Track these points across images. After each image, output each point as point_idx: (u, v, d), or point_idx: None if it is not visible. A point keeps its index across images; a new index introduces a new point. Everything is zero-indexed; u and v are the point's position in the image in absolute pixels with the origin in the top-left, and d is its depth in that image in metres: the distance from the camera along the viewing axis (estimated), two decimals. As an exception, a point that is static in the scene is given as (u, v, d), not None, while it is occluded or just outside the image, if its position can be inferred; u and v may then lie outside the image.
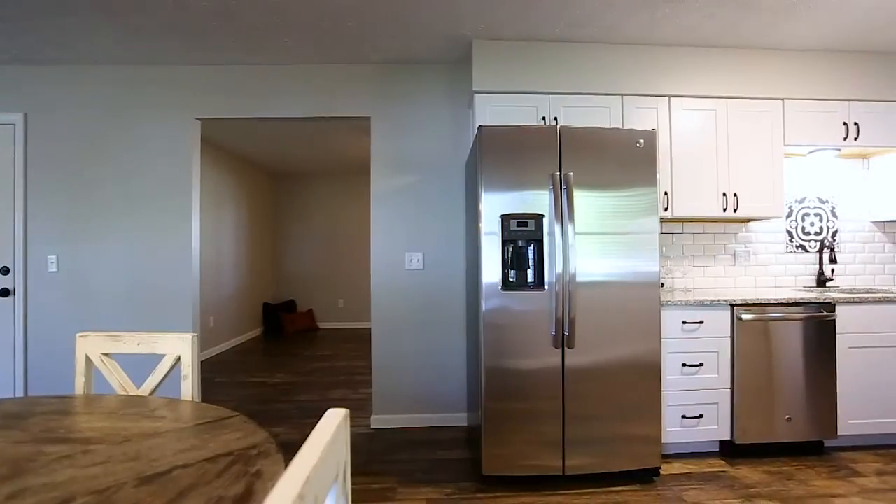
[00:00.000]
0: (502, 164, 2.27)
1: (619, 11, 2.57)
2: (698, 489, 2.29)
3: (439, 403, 3.18)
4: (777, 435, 2.62)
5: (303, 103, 3.19)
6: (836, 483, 2.36)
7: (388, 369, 3.16)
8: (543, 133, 2.29)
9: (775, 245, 3.36)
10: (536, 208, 2.26)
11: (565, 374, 2.28)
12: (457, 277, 3.21)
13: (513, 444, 2.26)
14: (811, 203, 3.40)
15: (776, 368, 2.62)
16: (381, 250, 3.18)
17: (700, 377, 2.57)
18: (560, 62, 2.89)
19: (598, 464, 2.30)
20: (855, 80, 3.08)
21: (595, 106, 2.87)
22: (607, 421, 2.30)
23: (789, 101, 3.02)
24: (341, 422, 0.73)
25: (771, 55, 3.03)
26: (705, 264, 3.28)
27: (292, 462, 0.56)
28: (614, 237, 2.30)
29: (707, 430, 2.59)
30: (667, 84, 2.94)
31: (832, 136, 3.05)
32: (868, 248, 3.44)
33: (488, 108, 2.81)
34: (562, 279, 2.25)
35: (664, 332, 2.54)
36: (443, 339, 3.19)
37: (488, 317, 2.25)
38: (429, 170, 3.22)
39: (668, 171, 2.89)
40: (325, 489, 0.60)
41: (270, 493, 0.49)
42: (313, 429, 0.68)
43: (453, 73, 3.24)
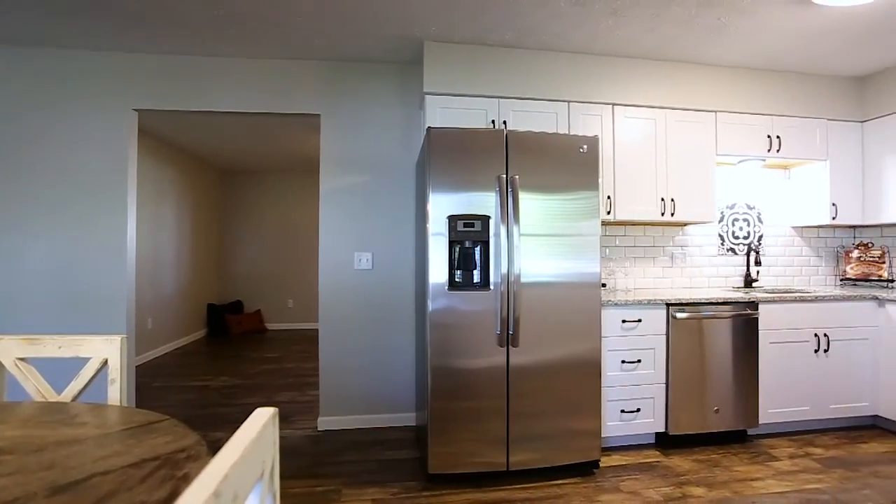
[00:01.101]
0: (450, 166, 2.30)
1: (566, 21, 2.66)
2: (634, 479, 2.41)
3: (388, 404, 3.17)
4: (706, 425, 2.80)
5: (249, 98, 3.10)
6: (755, 468, 2.54)
7: (335, 370, 3.12)
8: (491, 136, 2.34)
9: (709, 248, 3.58)
10: (483, 210, 2.31)
11: (510, 372, 2.33)
12: (406, 278, 3.22)
13: (459, 442, 2.30)
14: (740, 209, 3.65)
15: (706, 363, 2.79)
16: (330, 250, 3.14)
17: (638, 373, 2.70)
18: (510, 67, 2.95)
19: (541, 459, 2.38)
20: (777, 98, 3.33)
21: (543, 111, 2.95)
22: (550, 417, 2.38)
23: (721, 114, 3.23)
24: (268, 420, 0.72)
25: (705, 70, 3.23)
26: (645, 266, 3.45)
27: (212, 460, 0.56)
28: (558, 239, 2.38)
29: (644, 423, 2.72)
30: (611, 93, 3.07)
31: (758, 147, 3.29)
32: (788, 251, 3.73)
33: (438, 109, 2.83)
34: (507, 279, 2.31)
35: (605, 330, 2.65)
36: (392, 339, 3.19)
37: (434, 317, 2.28)
38: (379, 169, 3.20)
39: (612, 176, 3.02)
40: (246, 487, 0.59)
41: (184, 492, 0.48)
42: None
43: (405, 73, 3.25)
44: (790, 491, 2.31)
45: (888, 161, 3.31)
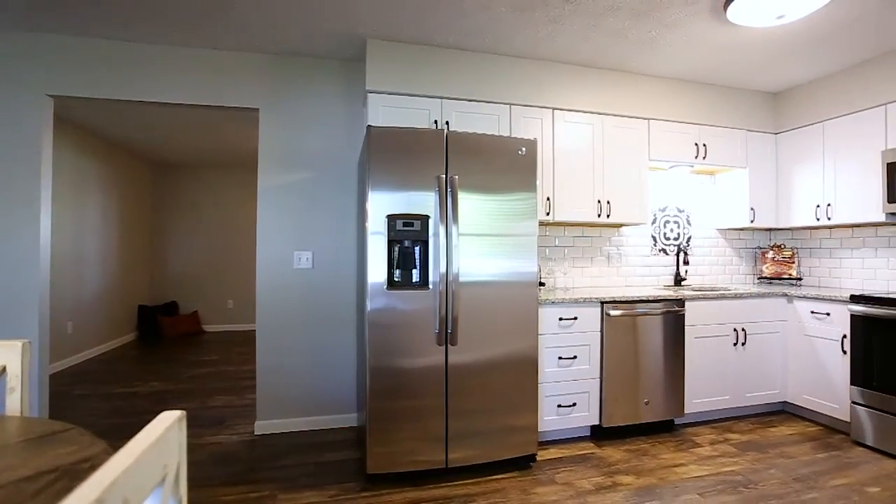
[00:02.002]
0: (390, 165, 2.29)
1: (507, 26, 2.72)
2: (569, 471, 2.50)
3: (329, 405, 3.12)
4: (638, 417, 2.95)
5: (182, 88, 2.94)
6: (680, 455, 2.70)
7: (274, 372, 3.02)
8: (431, 136, 2.35)
9: (642, 248, 3.77)
10: (423, 209, 2.31)
11: (448, 370, 2.36)
12: (348, 277, 3.17)
13: (398, 442, 2.29)
14: (671, 212, 3.87)
15: (638, 358, 2.94)
16: (268, 248, 3.03)
17: (574, 369, 2.80)
18: (454, 69, 2.98)
19: (479, 455, 2.41)
20: (703, 108, 3.56)
21: (486, 113, 3.00)
22: (488, 414, 2.42)
23: (653, 121, 3.41)
24: (173, 424, 0.70)
25: (639, 79, 3.40)
26: (584, 265, 3.58)
27: (101, 467, 0.53)
28: (496, 239, 2.43)
29: (579, 416, 2.83)
30: (551, 97, 3.17)
31: (687, 154, 3.50)
32: (713, 251, 3.99)
33: (381, 108, 2.81)
34: (446, 279, 2.32)
35: (542, 328, 2.73)
36: (333, 339, 3.13)
37: (373, 316, 2.26)
38: (321, 167, 3.14)
39: (552, 177, 3.12)
40: (140, 493, 0.56)
41: (65, 499, 0.45)
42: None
43: (349, 70, 3.20)
44: (709, 474, 2.47)
45: (797, 170, 3.62)
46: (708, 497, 2.25)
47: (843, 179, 3.30)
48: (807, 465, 2.59)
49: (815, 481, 2.40)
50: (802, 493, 2.29)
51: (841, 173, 3.31)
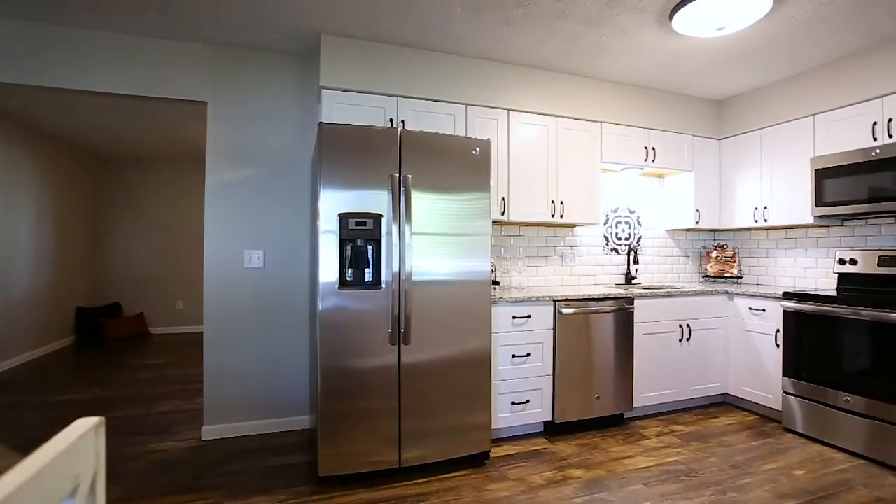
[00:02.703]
0: (343, 163, 2.25)
1: (463, 26, 2.73)
2: (522, 467, 2.54)
3: (282, 407, 3.04)
4: (589, 412, 3.03)
5: (121, 78, 2.79)
6: (628, 447, 2.80)
7: (222, 375, 2.92)
8: (385, 135, 2.33)
9: (595, 248, 3.88)
10: (376, 208, 2.29)
11: (402, 370, 2.35)
12: (302, 276, 3.10)
13: (350, 443, 2.26)
14: (623, 212, 4.00)
15: (589, 355, 3.02)
16: (217, 247, 2.92)
17: (527, 366, 2.85)
18: (410, 67, 2.96)
19: (433, 454, 2.42)
20: (653, 113, 3.70)
21: (442, 112, 3.00)
22: (442, 413, 2.43)
23: (605, 125, 3.52)
24: (89, 431, 0.66)
25: (592, 83, 3.49)
26: (538, 264, 3.65)
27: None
28: (450, 238, 2.44)
29: (533, 413, 2.88)
30: (507, 98, 3.21)
31: (637, 157, 3.62)
32: (662, 251, 4.16)
33: (336, 104, 2.77)
34: (398, 278, 2.31)
35: (496, 326, 2.76)
36: (286, 339, 3.05)
37: (325, 316, 2.22)
38: (273, 163, 3.05)
39: (506, 178, 3.16)
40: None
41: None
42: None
43: (304, 65, 3.13)
44: (654, 465, 2.57)
45: (738, 174, 3.82)
46: (652, 486, 2.34)
47: (777, 184, 3.51)
48: (742, 452, 2.74)
49: (749, 467, 2.55)
50: (738, 478, 2.42)
51: (776, 178, 3.52)
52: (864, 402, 2.66)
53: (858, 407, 2.69)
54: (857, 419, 2.70)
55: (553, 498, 2.23)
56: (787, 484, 2.37)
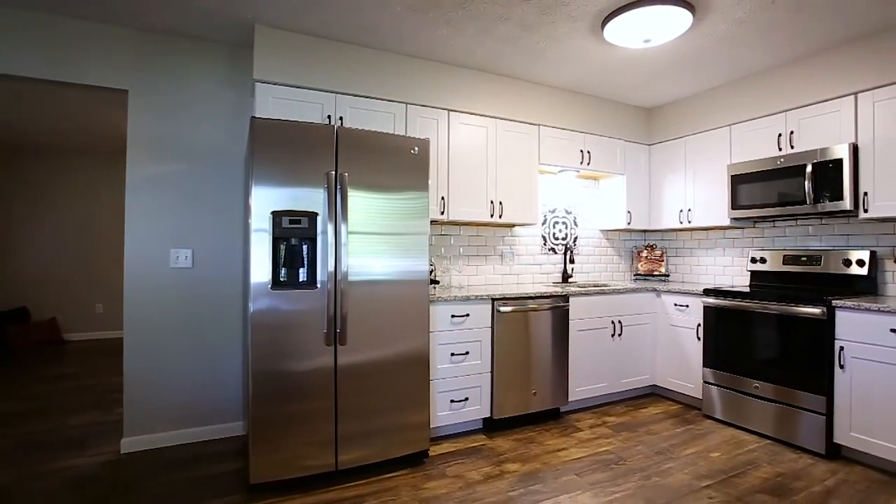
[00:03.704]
0: (276, 159, 2.18)
1: (403, 25, 2.72)
2: (460, 464, 2.57)
3: (213, 414, 2.90)
4: (527, 407, 3.11)
5: (30, 61, 2.54)
6: (563, 440, 2.91)
7: (146, 383, 2.74)
8: (321, 131, 2.28)
9: (534, 247, 3.98)
10: (311, 206, 2.24)
11: (338, 371, 2.31)
12: (234, 276, 2.97)
13: (284, 448, 2.19)
14: (560, 213, 4.13)
15: (527, 351, 3.10)
16: (139, 246, 2.74)
17: (466, 364, 2.89)
18: (349, 64, 2.92)
19: (371, 455, 2.39)
20: (588, 118, 3.85)
21: (381, 111, 2.98)
22: (380, 413, 2.41)
23: (544, 128, 3.62)
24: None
25: (531, 87, 3.59)
26: (478, 263, 3.71)
27: None
28: (387, 237, 2.42)
29: (472, 410, 2.92)
30: (448, 99, 3.23)
31: (573, 160, 3.76)
32: (597, 251, 4.34)
33: (271, 98, 2.68)
34: (334, 277, 2.27)
35: (435, 325, 2.77)
36: (218, 343, 2.91)
37: (257, 318, 2.14)
38: (204, 158, 2.90)
39: (446, 177, 3.18)
40: None
41: None
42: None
43: (237, 56, 2.99)
44: (586, 455, 2.68)
45: (665, 178, 4.06)
46: (584, 476, 2.44)
47: (700, 188, 3.76)
48: (667, 439, 2.91)
49: (672, 453, 2.72)
50: (661, 464, 2.58)
51: (698, 183, 3.77)
52: (772, 388, 2.91)
53: (767, 392, 2.93)
54: (765, 404, 2.94)
55: (489, 492, 2.27)
56: (705, 466, 2.55)
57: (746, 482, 2.38)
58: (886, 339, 2.44)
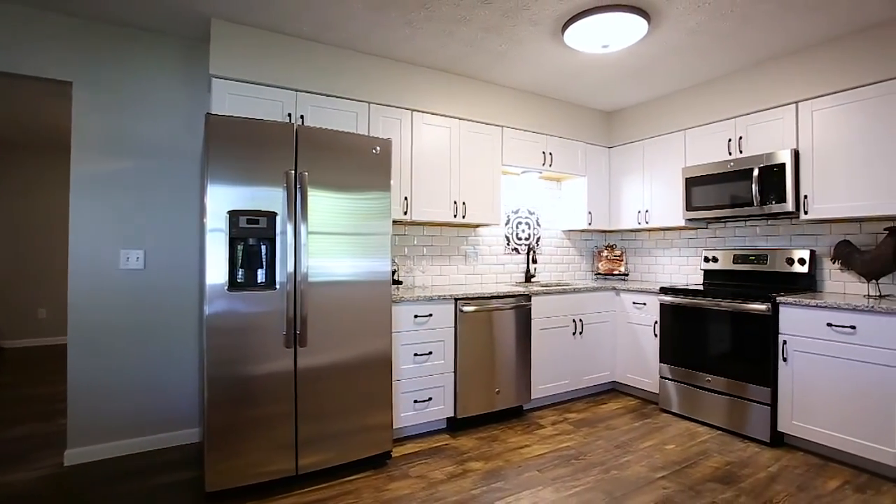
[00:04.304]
0: (233, 157, 2.12)
1: (363, 23, 2.69)
2: (424, 464, 2.57)
3: (168, 421, 2.79)
4: (490, 406, 3.14)
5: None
6: (526, 437, 2.95)
7: (92, 390, 2.60)
8: (280, 129, 2.24)
9: (497, 247, 4.03)
10: (269, 206, 2.19)
11: (298, 374, 2.26)
12: (190, 278, 2.87)
13: (242, 454, 2.13)
14: (523, 214, 4.19)
15: (490, 350, 3.13)
16: (86, 247, 2.60)
17: (429, 364, 2.89)
18: (310, 61, 2.87)
19: (333, 458, 2.36)
20: (550, 120, 3.92)
21: (343, 110, 2.94)
22: (342, 415, 2.38)
23: (506, 129, 3.67)
24: None
25: (494, 89, 3.62)
26: (442, 263, 3.72)
27: None
28: (349, 238, 2.40)
29: (435, 410, 2.92)
30: (411, 99, 3.22)
31: (535, 161, 3.82)
32: (559, 251, 4.43)
33: (228, 95, 2.60)
34: (294, 278, 2.23)
35: (398, 325, 2.76)
36: (173, 346, 2.81)
37: (212, 320, 2.07)
38: (157, 155, 2.79)
39: (409, 178, 3.17)
40: None
41: None
42: None
43: (193, 50, 2.89)
44: (548, 452, 2.73)
45: (624, 180, 4.18)
46: (545, 472, 2.48)
47: (657, 190, 3.89)
48: (625, 433, 3.00)
49: (630, 446, 2.80)
50: (620, 457, 2.65)
51: (655, 185, 3.90)
52: (723, 381, 3.04)
53: (718, 386, 3.07)
54: (717, 396, 3.08)
55: (452, 491, 2.28)
56: (660, 458, 2.64)
57: (698, 472, 2.48)
58: (824, 333, 2.60)
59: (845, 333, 2.52)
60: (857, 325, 2.48)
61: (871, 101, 2.69)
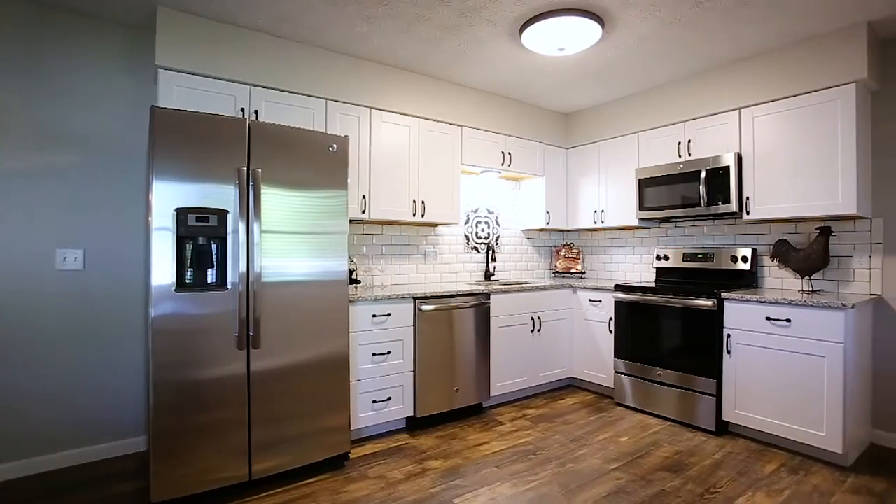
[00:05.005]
0: (181, 153, 2.04)
1: (320, 17, 2.64)
2: (382, 464, 2.55)
3: (112, 430, 2.65)
4: (450, 404, 3.15)
5: None
6: (485, 434, 2.98)
7: (21, 400, 2.41)
8: (232, 125, 2.16)
9: (457, 246, 4.05)
10: (221, 203, 2.12)
11: (251, 376, 2.20)
12: (135, 278, 2.73)
13: (191, 461, 2.05)
14: (482, 213, 4.23)
15: (449, 349, 3.14)
16: (14, 246, 2.41)
17: (388, 364, 2.87)
18: (265, 54, 2.79)
19: (288, 461, 2.31)
20: (510, 121, 3.97)
21: (300, 106, 2.88)
22: (298, 418, 2.33)
23: (466, 129, 3.69)
24: None
25: (454, 88, 3.64)
26: (401, 262, 3.70)
27: None
28: (304, 237, 2.35)
29: (395, 409, 2.91)
30: (370, 96, 3.19)
31: (495, 161, 3.86)
32: (518, 249, 4.50)
33: (175, 87, 2.49)
34: (247, 278, 2.17)
35: (356, 325, 2.73)
36: (116, 352, 2.66)
37: (159, 323, 1.98)
38: (98, 149, 2.64)
39: (368, 176, 3.14)
40: None
41: None
42: None
43: (139, 38, 2.75)
44: (506, 448, 2.77)
45: (581, 181, 4.29)
46: (504, 468, 2.52)
47: (612, 190, 4.01)
48: (581, 427, 3.08)
49: (585, 440, 2.88)
50: (576, 451, 2.72)
51: (611, 185, 4.02)
52: (673, 374, 3.17)
53: (669, 379, 3.19)
54: (668, 389, 3.20)
55: (411, 491, 2.27)
56: (615, 450, 2.73)
57: (649, 462, 2.58)
58: (763, 326, 2.75)
59: (782, 326, 2.68)
60: (792, 318, 2.64)
61: (804, 109, 2.86)
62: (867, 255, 2.88)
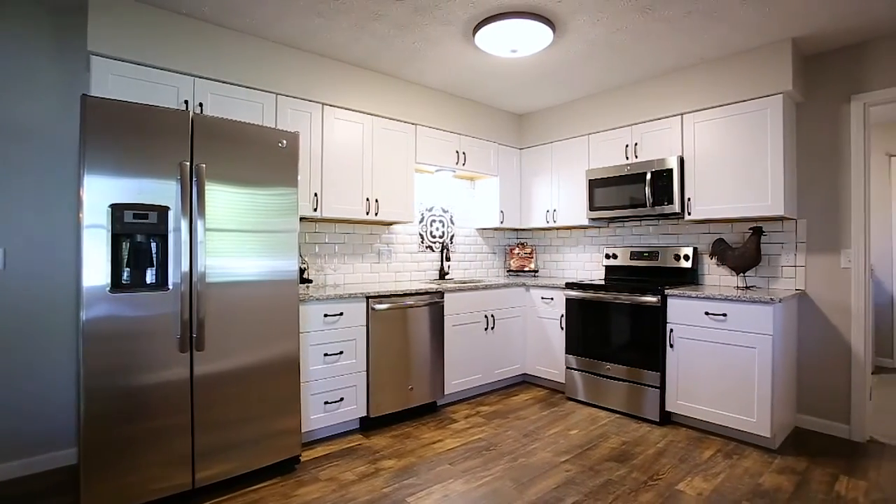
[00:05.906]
0: (116, 145, 1.92)
1: (270, 9, 2.56)
2: (335, 466, 2.51)
3: (40, 442, 2.46)
4: (405, 403, 3.14)
5: None
6: (439, 432, 2.99)
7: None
8: (173, 117, 2.06)
9: (411, 245, 4.04)
10: (161, 199, 2.01)
11: (194, 380, 2.11)
12: (65, 280, 2.55)
13: (127, 473, 1.94)
14: (437, 212, 4.24)
15: (403, 348, 3.13)
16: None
17: (340, 364, 2.83)
18: (212, 45, 2.67)
19: (236, 468, 2.23)
20: (464, 120, 4.00)
21: (248, 100, 2.78)
22: (245, 422, 2.26)
23: (420, 127, 3.68)
24: None
25: (409, 86, 3.62)
26: (355, 261, 3.65)
27: None
28: (252, 235, 2.27)
29: (348, 410, 2.87)
30: (322, 92, 3.12)
31: (449, 160, 3.88)
32: (473, 248, 4.54)
33: (111, 76, 2.35)
34: (189, 278, 2.07)
35: (307, 325, 2.67)
36: (42, 358, 2.47)
37: (91, 326, 1.86)
38: (19, 141, 2.44)
39: (320, 173, 3.08)
40: None
41: None
42: None
43: (67, 22, 2.56)
44: (460, 445, 2.79)
45: (534, 181, 4.38)
46: (457, 464, 2.53)
47: (564, 190, 4.12)
48: (534, 422, 3.15)
49: (537, 434, 2.94)
50: (528, 445, 2.78)
51: (563, 185, 4.13)
52: (621, 368, 3.30)
53: (617, 373, 3.32)
54: (616, 383, 3.33)
55: (364, 491, 2.25)
56: (565, 443, 2.81)
57: (598, 453, 2.67)
58: (702, 321, 2.91)
59: (719, 320, 2.84)
60: (728, 312, 2.81)
61: (739, 116, 3.05)
62: (793, 254, 3.11)
